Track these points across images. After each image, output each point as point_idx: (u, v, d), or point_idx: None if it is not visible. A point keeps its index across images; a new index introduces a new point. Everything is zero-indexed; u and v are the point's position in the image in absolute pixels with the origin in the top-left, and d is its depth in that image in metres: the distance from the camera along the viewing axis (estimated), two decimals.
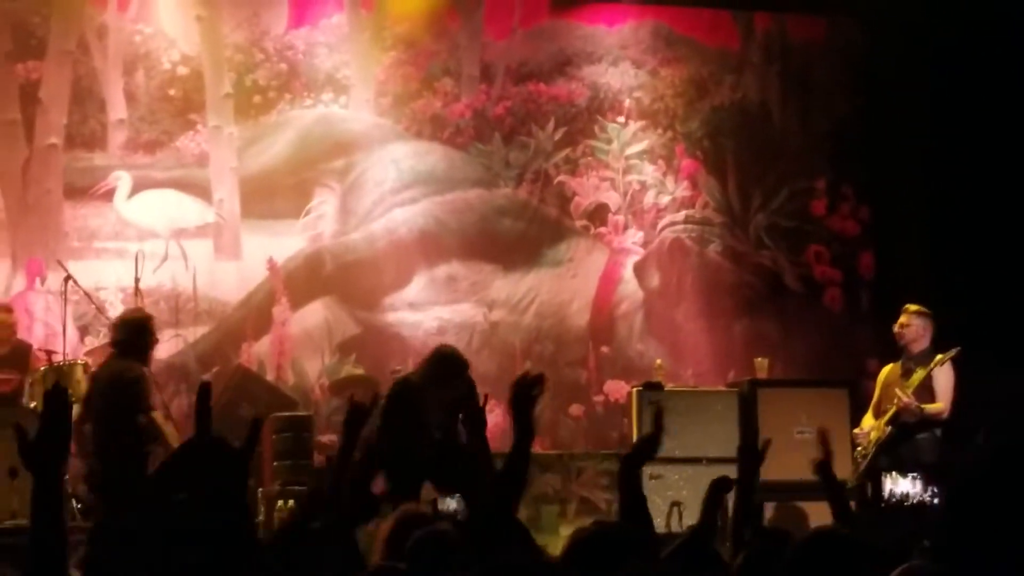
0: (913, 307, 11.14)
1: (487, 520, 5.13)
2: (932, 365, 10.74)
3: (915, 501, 10.15)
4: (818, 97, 15.15)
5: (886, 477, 10.43)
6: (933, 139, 14.08)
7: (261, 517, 10.92)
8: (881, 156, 14.86)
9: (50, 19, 13.62)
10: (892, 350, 11.68)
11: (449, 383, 9.57)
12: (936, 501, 9.88)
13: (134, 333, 9.93)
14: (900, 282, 14.18)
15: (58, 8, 13.70)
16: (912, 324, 11.05)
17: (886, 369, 11.33)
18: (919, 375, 10.73)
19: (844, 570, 3.80)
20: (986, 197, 13.68)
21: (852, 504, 10.13)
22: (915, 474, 10.31)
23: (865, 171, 15.21)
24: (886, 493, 10.30)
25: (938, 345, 11.08)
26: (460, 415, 7.45)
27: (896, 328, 11.15)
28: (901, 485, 10.27)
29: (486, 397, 5.37)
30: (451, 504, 8.07)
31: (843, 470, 11.03)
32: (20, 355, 11.93)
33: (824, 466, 5.97)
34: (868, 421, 11.15)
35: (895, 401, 10.72)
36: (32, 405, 11.06)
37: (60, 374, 11.25)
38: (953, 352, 10.73)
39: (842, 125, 15.10)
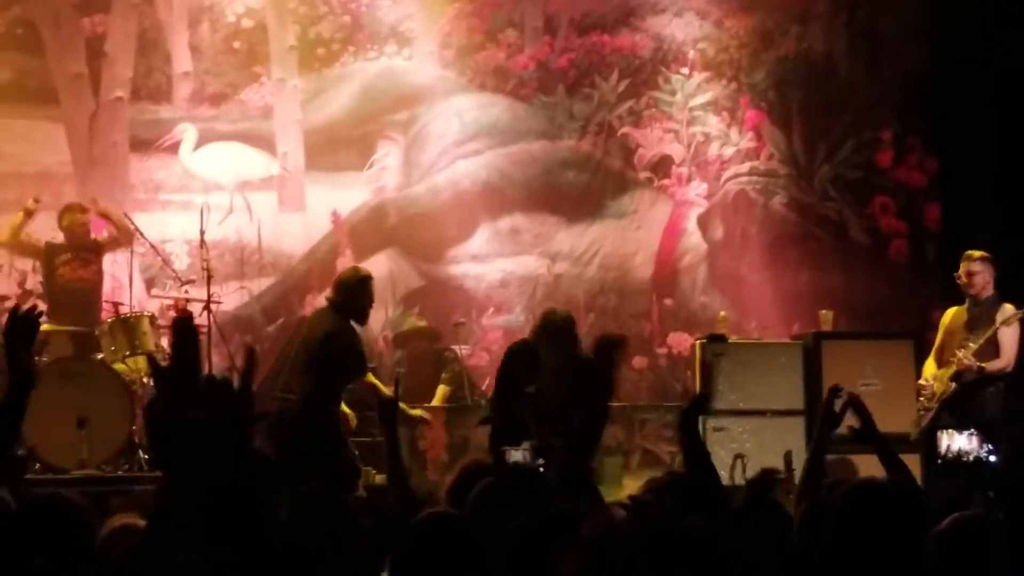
0: (976, 253, 11.02)
1: (563, 472, 5.15)
2: (1000, 323, 10.64)
3: (972, 458, 10.06)
4: (885, 47, 14.96)
5: (943, 434, 10.34)
6: (1002, 88, 13.91)
7: None
8: (949, 106, 14.68)
9: None
10: (958, 303, 11.58)
11: (555, 345, 9.61)
12: (992, 458, 9.79)
13: (352, 293, 10.02)
14: (967, 234, 14.03)
15: None
16: (978, 272, 10.93)
17: (950, 313, 11.22)
18: (984, 334, 10.65)
19: (892, 519, 3.77)
20: None
21: (917, 456, 10.14)
22: (972, 431, 10.21)
23: (932, 122, 15.03)
24: (943, 449, 10.22)
25: (1002, 290, 11.00)
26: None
27: (962, 277, 11.03)
28: (958, 441, 10.17)
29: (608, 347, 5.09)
30: (516, 456, 8.05)
31: (907, 422, 11.04)
32: (96, 250, 12.11)
33: (862, 433, 5.95)
34: (930, 368, 11.06)
35: (956, 359, 10.63)
36: (100, 357, 11.12)
37: (127, 326, 11.33)
38: (1022, 312, 10.64)
39: (909, 75, 14.91)
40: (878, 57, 15.03)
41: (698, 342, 12.49)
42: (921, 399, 10.85)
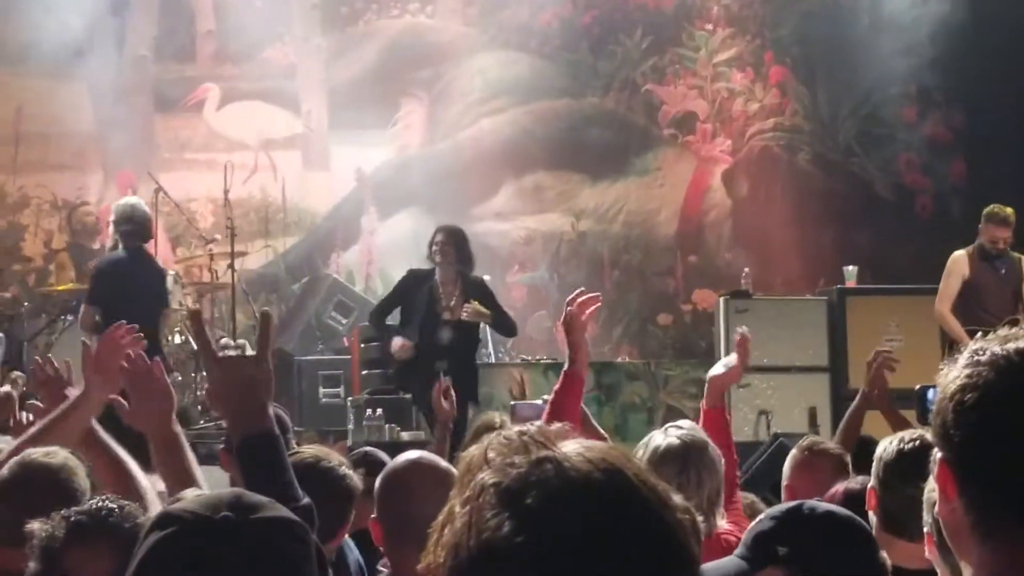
0: (1012, 215, 10.86)
1: None
2: None
3: None
4: (910, 3, 14.82)
5: (934, 389, 10.18)
6: None
7: (351, 425, 10.92)
8: (973, 62, 14.56)
9: None
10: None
11: None
12: None
13: None
14: (991, 189, 13.95)
15: None
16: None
17: (962, 261, 11.00)
18: None
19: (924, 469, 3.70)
20: None
21: None
22: None
23: (957, 77, 14.91)
24: (929, 404, 10.10)
25: None
26: None
27: (1006, 240, 10.83)
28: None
29: None
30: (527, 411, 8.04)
31: (931, 378, 10.94)
32: None
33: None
34: (952, 321, 10.83)
35: None
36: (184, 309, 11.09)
37: None
38: None
39: (935, 31, 14.77)
40: (903, 11, 14.88)
41: (722, 298, 12.41)
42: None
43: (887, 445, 4.01)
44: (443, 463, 3.85)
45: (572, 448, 1.48)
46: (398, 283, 10.67)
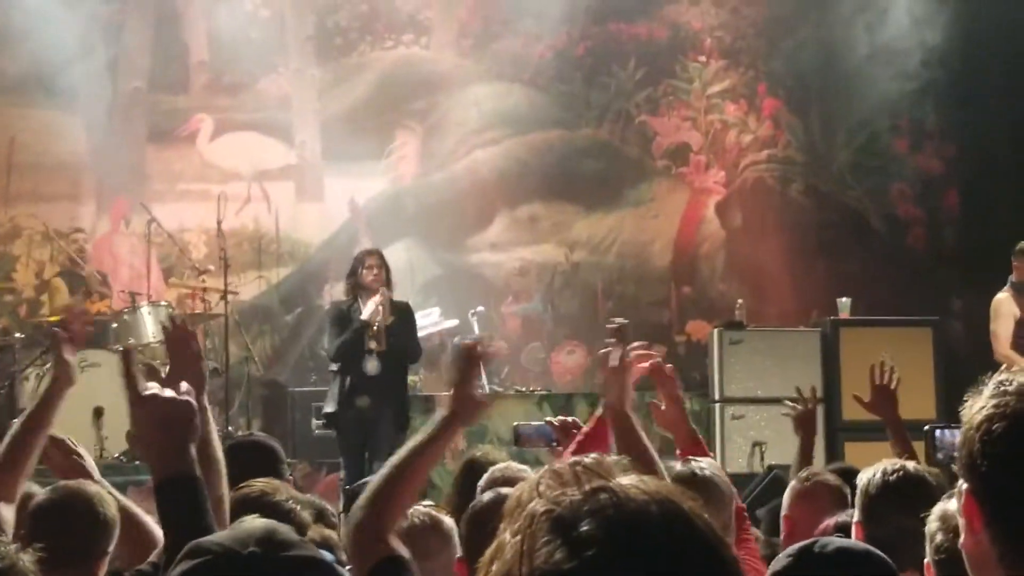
0: None
1: None
2: None
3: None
4: (903, 34, 14.84)
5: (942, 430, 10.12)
6: (1018, 74, 13.82)
7: (342, 458, 10.92)
8: (965, 93, 14.61)
9: None
10: (978, 291, 11.47)
11: None
12: None
13: None
14: (986, 220, 13.98)
15: None
16: None
17: (1008, 301, 10.84)
18: None
19: (917, 501, 3.68)
20: None
21: None
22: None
23: (950, 109, 14.95)
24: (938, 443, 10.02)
25: None
26: None
27: None
28: (948, 435, 9.99)
29: None
30: (528, 430, 8.00)
31: (926, 409, 10.89)
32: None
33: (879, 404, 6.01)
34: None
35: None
36: (117, 348, 11.02)
37: (142, 316, 11.29)
38: None
39: (927, 62, 14.81)
40: (895, 43, 14.92)
41: (716, 329, 12.41)
42: None
43: (870, 476, 4.00)
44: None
45: (628, 481, 1.48)
46: (331, 317, 10.47)
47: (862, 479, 4.08)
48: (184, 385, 3.09)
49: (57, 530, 3.41)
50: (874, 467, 4.04)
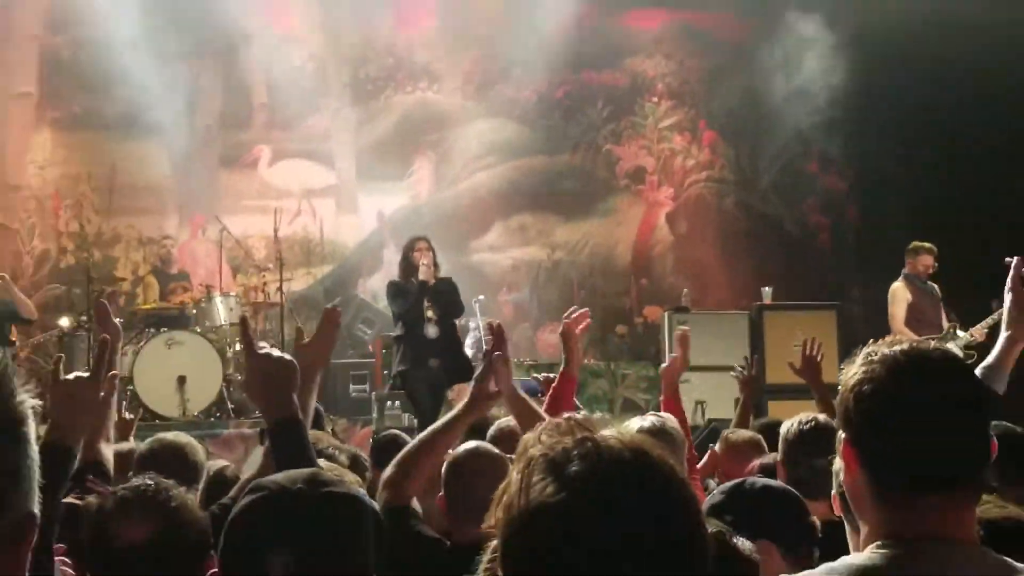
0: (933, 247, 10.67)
1: None
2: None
3: None
4: (812, 80, 14.84)
5: None
6: (907, 113, 13.82)
7: (375, 415, 10.91)
8: (862, 126, 14.61)
9: (205, 25, 13.50)
10: (871, 282, 11.51)
11: None
12: None
13: None
14: (878, 228, 13.98)
15: (214, 17, 13.57)
16: None
17: (905, 289, 10.75)
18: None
19: (826, 445, 3.69)
20: (950, 160, 13.51)
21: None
22: None
23: (850, 138, 14.95)
24: None
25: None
26: None
27: (933, 266, 10.64)
28: None
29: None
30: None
31: (832, 375, 10.91)
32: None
33: (807, 371, 6.01)
34: (907, 330, 10.37)
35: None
36: (198, 331, 11.02)
37: (212, 304, 11.28)
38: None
39: (831, 101, 14.80)
40: (807, 87, 14.91)
41: (666, 313, 12.41)
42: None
43: (788, 427, 4.03)
44: (495, 450, 3.79)
45: (609, 432, 1.48)
46: (393, 291, 9.95)
47: (783, 429, 4.10)
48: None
49: (160, 473, 3.42)
50: (792, 419, 4.05)
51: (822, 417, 4.05)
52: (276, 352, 2.91)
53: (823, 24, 14.69)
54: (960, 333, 10.30)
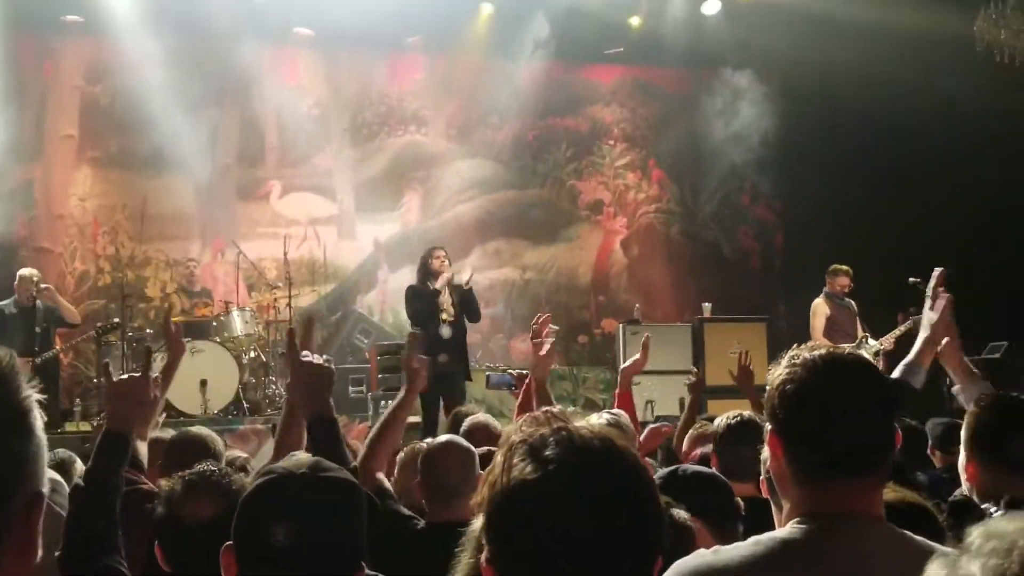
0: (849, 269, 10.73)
1: None
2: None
3: None
4: (747, 124, 14.95)
5: None
6: (827, 153, 13.91)
7: (371, 412, 10.88)
8: (790, 164, 14.70)
9: (224, 76, 13.49)
10: (796, 298, 11.59)
11: None
12: None
13: None
14: (802, 253, 14.06)
15: (232, 69, 13.54)
16: None
17: (825, 305, 10.78)
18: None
19: (751, 436, 3.73)
20: (865, 193, 13.60)
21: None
22: None
23: (779, 175, 15.06)
24: None
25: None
26: None
27: (849, 285, 10.67)
28: None
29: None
30: (495, 378, 7.78)
31: (761, 378, 10.92)
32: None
33: (742, 378, 6.10)
34: (824, 340, 10.44)
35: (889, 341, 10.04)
36: (218, 340, 10.99)
37: (230, 317, 11.25)
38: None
39: (764, 142, 14.90)
40: (742, 131, 15.01)
41: (621, 325, 12.45)
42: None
43: (720, 421, 4.13)
44: (465, 443, 3.80)
45: (580, 424, 1.50)
46: (411, 295, 9.77)
47: (715, 424, 4.16)
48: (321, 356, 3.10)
49: (184, 461, 3.44)
50: (722, 415, 4.13)
51: (747, 413, 4.13)
52: (317, 359, 2.98)
53: (755, 77, 14.82)
54: (871, 341, 10.38)
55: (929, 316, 3.32)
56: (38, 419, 1.29)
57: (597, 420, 4.27)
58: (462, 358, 9.55)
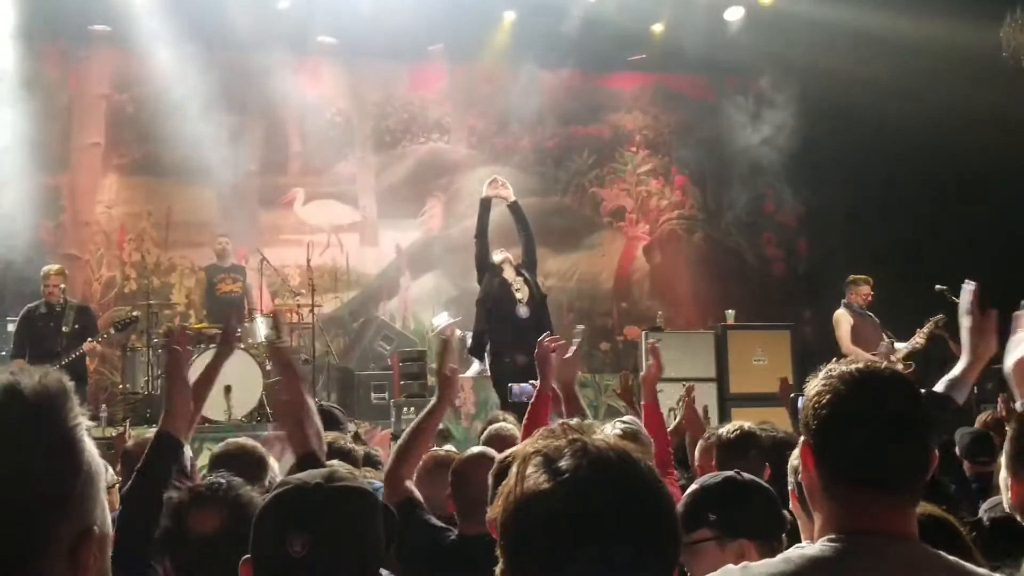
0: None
1: None
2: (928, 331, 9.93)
3: None
4: (770, 131, 14.89)
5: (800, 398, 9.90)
6: (849, 161, 13.86)
7: (393, 419, 10.87)
8: (811, 173, 14.65)
9: (249, 85, 13.53)
10: (819, 305, 11.52)
11: None
12: None
13: None
14: (824, 260, 14.02)
15: (257, 78, 13.58)
16: None
17: (848, 316, 10.66)
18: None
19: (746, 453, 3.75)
20: (887, 201, 13.53)
21: None
22: None
23: (801, 183, 14.99)
24: (798, 408, 9.81)
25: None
26: None
27: (870, 295, 10.54)
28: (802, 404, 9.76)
29: None
30: (516, 389, 7.71)
31: (772, 383, 10.82)
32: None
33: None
34: (855, 349, 9.99)
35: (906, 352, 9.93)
36: (242, 347, 10.94)
37: (255, 324, 11.27)
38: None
39: (786, 151, 14.85)
40: (765, 139, 14.96)
41: (643, 332, 12.41)
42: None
43: (720, 435, 4.28)
44: (495, 455, 3.74)
45: (596, 436, 1.48)
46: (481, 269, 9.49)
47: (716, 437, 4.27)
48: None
49: (232, 468, 3.39)
50: (723, 427, 4.32)
51: (747, 425, 4.23)
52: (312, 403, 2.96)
53: (777, 84, 14.77)
54: (899, 345, 10.19)
55: (971, 339, 3.23)
56: (86, 449, 1.24)
57: (611, 430, 4.22)
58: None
